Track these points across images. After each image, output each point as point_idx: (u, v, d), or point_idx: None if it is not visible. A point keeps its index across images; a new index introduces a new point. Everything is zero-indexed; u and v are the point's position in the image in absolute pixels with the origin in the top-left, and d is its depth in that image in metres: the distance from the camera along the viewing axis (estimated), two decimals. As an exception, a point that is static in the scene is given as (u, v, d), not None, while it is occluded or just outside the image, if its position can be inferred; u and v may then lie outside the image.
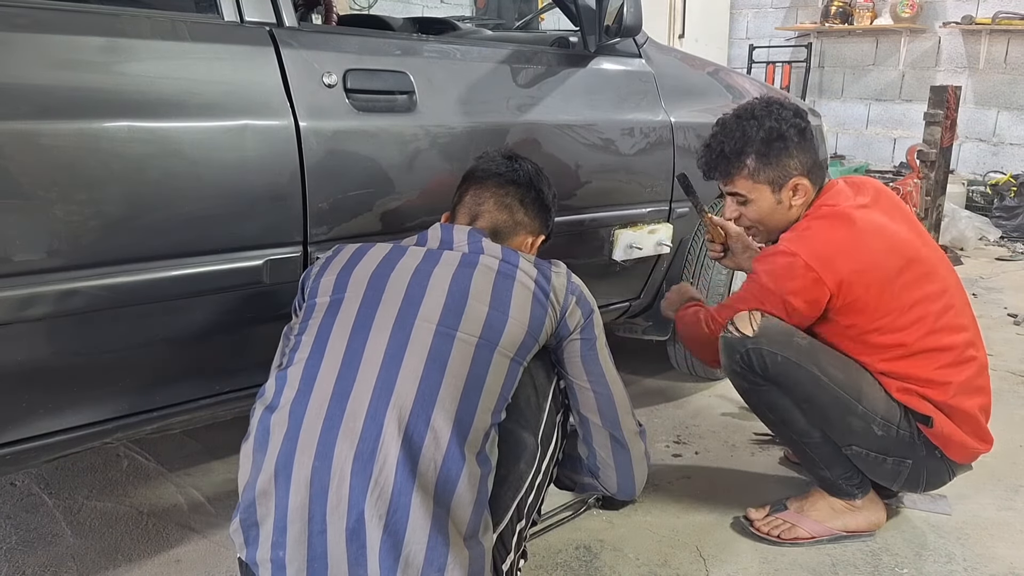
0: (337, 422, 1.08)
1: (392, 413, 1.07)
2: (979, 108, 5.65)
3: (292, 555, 1.06)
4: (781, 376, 1.51)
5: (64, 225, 1.15)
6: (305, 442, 1.08)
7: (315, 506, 1.05)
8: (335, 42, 1.52)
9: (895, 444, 1.54)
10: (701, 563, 1.58)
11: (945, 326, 1.54)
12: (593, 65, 1.96)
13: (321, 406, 1.09)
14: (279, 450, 1.09)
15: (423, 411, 1.07)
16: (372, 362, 1.11)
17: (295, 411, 1.10)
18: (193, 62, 1.31)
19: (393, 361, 1.11)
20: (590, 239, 1.97)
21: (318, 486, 1.06)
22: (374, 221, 1.51)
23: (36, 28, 1.16)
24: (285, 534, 1.06)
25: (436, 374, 1.10)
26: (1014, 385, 2.55)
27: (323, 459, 1.06)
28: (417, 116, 1.56)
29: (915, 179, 4.10)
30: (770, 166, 1.54)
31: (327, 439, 1.07)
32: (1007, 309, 3.41)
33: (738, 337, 1.52)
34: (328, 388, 1.10)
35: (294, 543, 1.06)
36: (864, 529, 1.65)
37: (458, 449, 1.07)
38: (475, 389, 1.11)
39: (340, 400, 1.09)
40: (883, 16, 5.92)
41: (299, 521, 1.06)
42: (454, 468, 1.06)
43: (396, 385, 1.09)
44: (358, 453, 1.05)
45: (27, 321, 1.15)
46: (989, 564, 1.57)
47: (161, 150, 1.23)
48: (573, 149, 1.85)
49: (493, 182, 1.38)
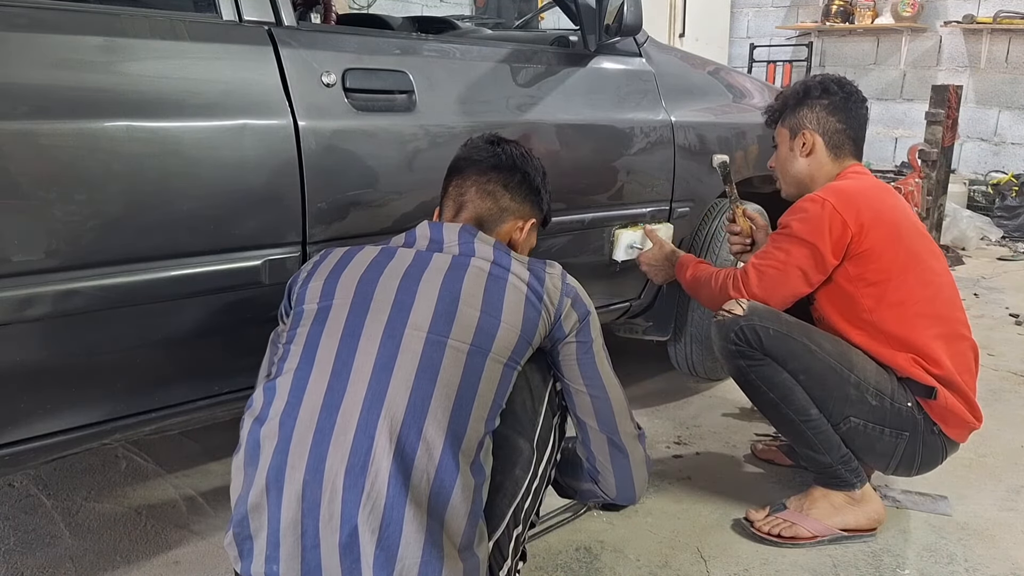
0: (327, 435, 1.06)
1: (383, 425, 1.05)
2: (980, 107, 5.64)
3: (286, 570, 1.05)
4: (776, 348, 1.57)
5: (62, 225, 1.15)
6: (295, 455, 1.06)
7: (307, 520, 1.04)
8: (334, 41, 1.51)
9: (892, 415, 1.59)
10: (702, 564, 1.57)
11: (944, 300, 1.67)
12: (593, 64, 1.96)
13: (311, 418, 1.08)
14: (269, 463, 1.07)
15: (415, 422, 1.06)
16: (362, 372, 1.09)
17: (285, 423, 1.09)
18: (192, 61, 1.30)
19: (383, 371, 1.09)
20: (590, 239, 1.96)
21: (310, 500, 1.04)
22: (373, 221, 1.50)
23: (35, 28, 1.16)
24: (279, 548, 1.05)
25: (427, 384, 1.08)
26: (1015, 385, 2.54)
27: (314, 473, 1.05)
28: (416, 115, 1.56)
29: (916, 178, 4.09)
30: (793, 114, 1.77)
31: (318, 452, 1.06)
32: (1008, 309, 3.41)
33: (731, 318, 1.60)
34: (318, 400, 1.09)
35: (287, 557, 1.05)
36: (865, 526, 1.65)
37: (452, 460, 1.06)
38: (468, 398, 1.10)
39: (330, 412, 1.07)
40: (884, 15, 5.91)
41: (292, 536, 1.05)
42: (447, 479, 1.05)
43: (387, 396, 1.07)
44: (349, 466, 1.04)
45: (25, 322, 1.15)
46: (991, 564, 1.57)
47: (159, 150, 1.23)
48: (573, 149, 1.85)
49: (474, 170, 1.35)
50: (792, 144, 1.77)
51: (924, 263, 1.65)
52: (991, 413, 2.30)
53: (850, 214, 1.60)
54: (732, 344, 1.60)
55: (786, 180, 1.82)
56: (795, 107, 1.77)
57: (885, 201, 1.67)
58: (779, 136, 1.81)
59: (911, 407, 1.60)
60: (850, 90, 1.76)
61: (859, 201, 1.62)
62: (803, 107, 1.76)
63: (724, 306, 1.64)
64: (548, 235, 1.85)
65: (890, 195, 1.71)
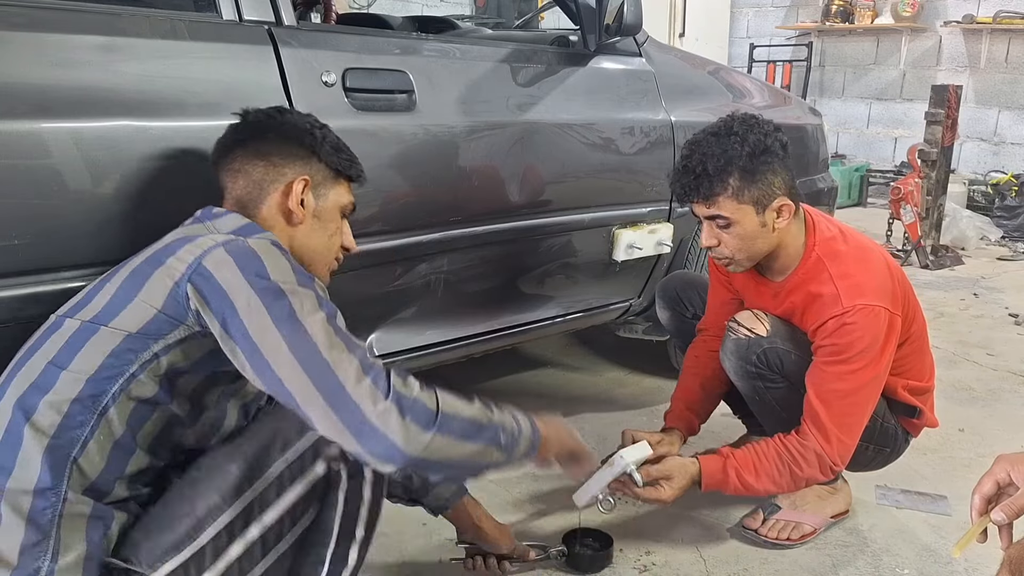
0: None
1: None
2: (980, 107, 5.65)
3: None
4: (796, 371, 1.51)
5: (59, 226, 1.15)
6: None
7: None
8: (334, 41, 1.51)
9: (879, 434, 1.60)
10: (702, 564, 1.57)
11: (922, 316, 1.62)
12: (593, 64, 1.96)
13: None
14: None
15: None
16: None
17: None
18: (192, 61, 1.30)
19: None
20: (590, 239, 1.96)
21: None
22: (373, 221, 1.50)
23: (34, 27, 1.16)
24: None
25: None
26: (1014, 385, 2.54)
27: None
28: (416, 115, 1.56)
29: (916, 178, 4.10)
30: (756, 184, 1.41)
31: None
32: (1008, 309, 3.40)
33: (754, 338, 1.51)
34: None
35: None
36: (843, 510, 1.71)
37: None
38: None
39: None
40: (884, 15, 5.92)
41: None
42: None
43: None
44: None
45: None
46: (990, 564, 1.57)
47: (159, 150, 1.23)
48: (573, 148, 1.85)
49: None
50: (763, 219, 1.43)
51: (913, 292, 1.57)
52: (991, 413, 2.31)
53: (899, 307, 1.47)
54: (752, 366, 1.52)
55: (749, 257, 1.49)
56: (758, 175, 1.41)
57: (889, 259, 1.54)
58: (733, 213, 1.42)
59: (894, 424, 1.63)
60: (781, 129, 1.49)
61: (895, 286, 1.48)
62: (767, 173, 1.42)
63: (745, 323, 1.52)
64: (548, 235, 1.86)
65: (875, 246, 1.57)
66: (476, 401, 1.05)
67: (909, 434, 1.68)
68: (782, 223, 1.46)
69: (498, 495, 1.78)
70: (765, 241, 1.47)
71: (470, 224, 1.69)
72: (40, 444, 0.92)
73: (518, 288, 1.88)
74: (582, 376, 2.57)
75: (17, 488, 0.91)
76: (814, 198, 2.58)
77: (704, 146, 1.43)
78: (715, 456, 1.49)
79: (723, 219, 1.44)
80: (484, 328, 1.86)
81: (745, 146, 1.40)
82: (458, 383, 1.08)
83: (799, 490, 1.58)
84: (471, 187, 1.68)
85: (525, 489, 1.82)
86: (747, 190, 1.41)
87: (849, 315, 1.42)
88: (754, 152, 1.40)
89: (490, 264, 1.79)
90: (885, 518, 1.73)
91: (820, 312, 1.46)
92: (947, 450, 2.05)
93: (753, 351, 1.52)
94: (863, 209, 5.89)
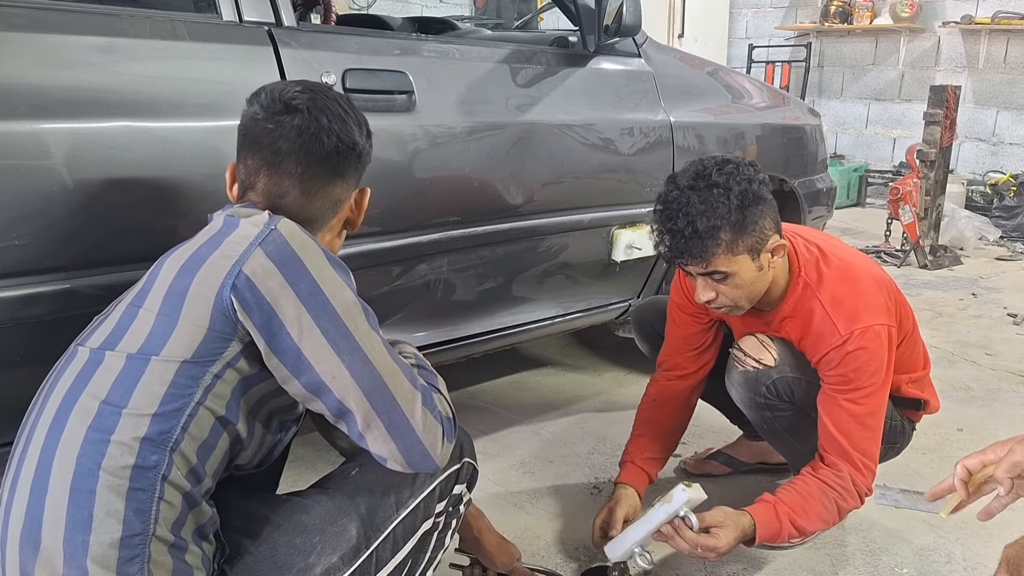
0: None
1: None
2: (978, 108, 5.65)
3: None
4: (804, 398, 1.49)
5: (58, 226, 1.15)
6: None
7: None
8: (334, 42, 1.52)
9: (888, 432, 1.59)
10: (702, 563, 1.57)
11: (911, 312, 1.59)
12: (592, 65, 1.96)
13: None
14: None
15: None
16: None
17: None
18: (192, 62, 1.30)
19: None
20: (590, 239, 1.96)
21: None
22: (373, 221, 1.50)
23: (34, 28, 1.16)
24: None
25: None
26: (1014, 385, 2.55)
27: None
28: (416, 116, 1.56)
29: (915, 179, 4.10)
30: (749, 234, 1.33)
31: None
32: (1007, 309, 3.41)
33: (763, 369, 1.47)
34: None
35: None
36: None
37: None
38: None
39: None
40: (882, 16, 5.92)
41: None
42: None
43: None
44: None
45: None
46: (989, 564, 1.57)
47: (159, 150, 1.23)
48: (572, 149, 1.85)
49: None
50: (759, 263, 1.37)
51: (899, 291, 1.55)
52: (989, 413, 2.31)
53: (893, 315, 1.46)
54: (762, 397, 1.49)
55: (749, 300, 1.43)
56: (748, 225, 1.32)
57: (871, 266, 1.52)
58: (729, 266, 1.35)
59: (900, 419, 1.63)
60: (755, 163, 1.41)
61: (885, 296, 1.46)
62: (758, 220, 1.34)
63: (751, 352, 1.49)
64: (548, 235, 1.86)
65: (856, 254, 1.54)
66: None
67: (913, 422, 1.69)
68: (777, 261, 1.42)
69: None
70: (763, 282, 1.42)
71: (470, 224, 1.70)
72: (119, 492, 0.86)
73: (518, 288, 1.89)
74: (582, 376, 2.57)
75: (102, 541, 0.85)
76: (813, 198, 2.59)
77: (686, 204, 1.31)
78: (763, 504, 1.42)
79: (720, 274, 1.37)
80: (484, 328, 1.86)
81: (732, 198, 1.31)
82: (458, 383, 1.08)
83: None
84: (471, 187, 1.68)
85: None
86: (740, 241, 1.33)
87: (850, 343, 1.39)
88: (743, 204, 1.32)
89: (490, 264, 1.79)
90: (884, 518, 1.73)
91: (818, 344, 1.43)
92: (946, 450, 2.05)
93: (763, 383, 1.48)
94: (862, 209, 5.89)
